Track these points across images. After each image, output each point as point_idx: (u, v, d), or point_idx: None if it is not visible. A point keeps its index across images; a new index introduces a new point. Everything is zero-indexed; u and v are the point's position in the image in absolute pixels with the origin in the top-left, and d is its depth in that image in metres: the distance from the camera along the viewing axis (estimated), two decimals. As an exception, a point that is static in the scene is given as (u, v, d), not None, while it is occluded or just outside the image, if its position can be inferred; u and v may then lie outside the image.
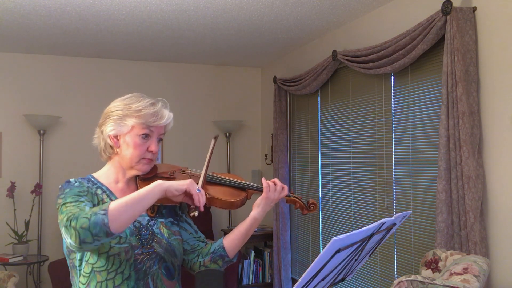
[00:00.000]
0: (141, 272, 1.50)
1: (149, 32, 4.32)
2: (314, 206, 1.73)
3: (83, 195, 1.47)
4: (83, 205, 1.41)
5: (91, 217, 1.29)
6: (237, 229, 1.67)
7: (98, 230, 1.28)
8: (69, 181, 1.53)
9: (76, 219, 1.30)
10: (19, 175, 4.96)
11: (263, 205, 1.64)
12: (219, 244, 1.67)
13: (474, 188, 2.64)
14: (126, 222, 1.34)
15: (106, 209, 1.31)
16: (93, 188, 1.54)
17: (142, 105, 1.54)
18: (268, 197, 1.64)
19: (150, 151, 1.56)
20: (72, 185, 1.50)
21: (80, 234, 1.28)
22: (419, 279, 2.04)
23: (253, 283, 5.21)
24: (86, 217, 1.29)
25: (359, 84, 3.93)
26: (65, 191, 1.47)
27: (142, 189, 1.39)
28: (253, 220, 1.64)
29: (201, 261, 1.67)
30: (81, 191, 1.49)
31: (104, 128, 1.57)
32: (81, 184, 1.52)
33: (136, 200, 1.36)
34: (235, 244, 1.66)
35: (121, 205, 1.33)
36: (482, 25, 2.76)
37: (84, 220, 1.29)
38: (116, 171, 1.60)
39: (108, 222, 1.29)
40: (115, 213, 1.31)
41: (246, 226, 1.65)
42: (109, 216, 1.29)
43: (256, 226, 1.66)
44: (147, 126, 1.54)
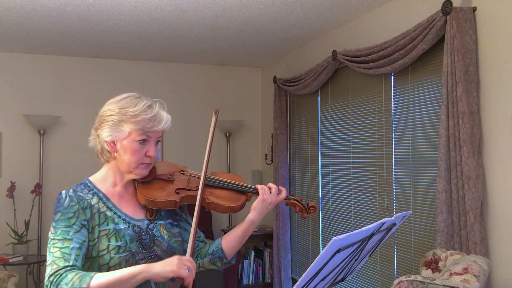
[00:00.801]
0: None
1: (149, 32, 4.32)
2: (314, 209, 1.72)
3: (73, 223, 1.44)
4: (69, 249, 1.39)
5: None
6: (234, 231, 1.66)
7: None
8: (60, 195, 1.50)
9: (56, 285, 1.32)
10: (19, 175, 4.96)
11: (259, 208, 1.63)
12: (217, 245, 1.66)
13: (474, 188, 2.64)
14: None
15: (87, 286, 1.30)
16: (88, 196, 1.51)
17: (138, 110, 1.50)
18: (265, 199, 1.63)
19: (148, 156, 1.54)
20: (62, 205, 1.47)
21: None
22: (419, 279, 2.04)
23: (253, 283, 5.21)
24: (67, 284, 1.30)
25: (359, 84, 3.93)
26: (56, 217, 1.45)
27: (125, 271, 1.36)
28: (250, 223, 1.63)
29: (200, 263, 1.66)
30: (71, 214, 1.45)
31: (100, 132, 1.54)
32: (71, 201, 1.48)
33: (118, 282, 1.34)
34: (232, 246, 1.66)
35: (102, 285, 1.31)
36: (482, 25, 2.76)
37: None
38: (114, 174, 1.57)
39: None
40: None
41: (243, 228, 1.64)
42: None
43: (253, 228, 1.65)
44: (144, 132, 1.51)
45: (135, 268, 1.36)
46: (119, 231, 1.49)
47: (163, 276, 1.37)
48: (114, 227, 1.50)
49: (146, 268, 1.36)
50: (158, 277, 1.36)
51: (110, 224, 1.50)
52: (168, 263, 1.38)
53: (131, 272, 1.35)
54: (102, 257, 1.45)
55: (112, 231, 1.49)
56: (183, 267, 1.38)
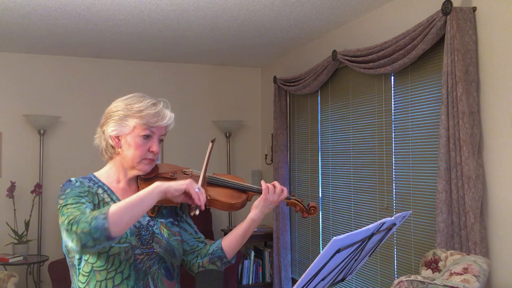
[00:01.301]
0: (141, 272, 1.51)
1: (149, 32, 4.32)
2: (315, 209, 1.72)
3: (84, 196, 1.47)
4: (83, 207, 1.41)
5: (92, 221, 1.29)
6: (235, 231, 1.67)
7: (99, 235, 1.29)
8: (70, 180, 1.53)
9: (77, 223, 1.31)
10: (19, 175, 4.96)
11: (261, 207, 1.63)
12: (218, 245, 1.67)
13: (474, 188, 2.64)
14: (126, 226, 1.35)
15: (106, 213, 1.31)
16: (94, 188, 1.54)
17: (143, 106, 1.54)
18: (267, 199, 1.63)
19: (151, 151, 1.57)
20: (73, 184, 1.50)
21: (82, 239, 1.29)
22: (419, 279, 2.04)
23: (253, 283, 5.21)
24: (87, 222, 1.30)
25: (359, 84, 3.93)
26: (66, 192, 1.47)
27: (141, 192, 1.39)
28: (251, 222, 1.63)
29: (200, 262, 1.67)
30: (82, 191, 1.49)
31: (105, 128, 1.57)
32: (82, 184, 1.52)
33: (136, 203, 1.36)
34: (233, 246, 1.66)
35: (121, 209, 1.33)
36: (482, 25, 2.76)
37: (84, 225, 1.29)
38: (118, 170, 1.60)
39: (109, 226, 1.29)
40: (115, 217, 1.31)
41: (243, 227, 1.65)
42: (109, 220, 1.30)
43: (254, 227, 1.65)
44: (148, 127, 1.54)
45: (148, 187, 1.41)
46: None
47: (175, 189, 1.42)
48: None
49: (159, 183, 1.41)
50: (171, 189, 1.42)
51: None
52: (180, 181, 1.45)
53: (147, 190, 1.40)
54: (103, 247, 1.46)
55: None
56: (194, 186, 1.46)
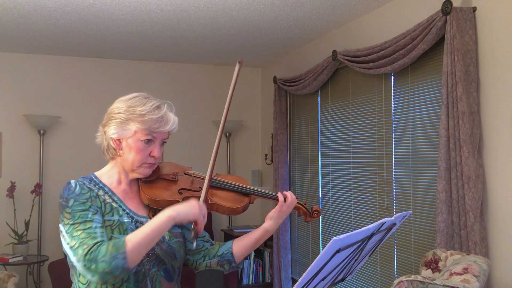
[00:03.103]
0: (140, 274, 1.50)
1: (149, 32, 4.32)
2: (318, 213, 1.71)
3: (89, 207, 1.45)
4: (93, 228, 1.40)
5: (111, 261, 1.31)
6: (247, 237, 1.67)
7: (119, 273, 1.33)
8: (69, 184, 1.50)
9: (96, 262, 1.32)
10: (19, 175, 4.96)
11: (276, 218, 1.64)
12: (228, 248, 1.66)
13: (474, 188, 2.64)
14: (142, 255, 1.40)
15: (125, 252, 1.33)
16: (94, 190, 1.52)
17: (146, 110, 1.51)
18: (282, 210, 1.64)
19: (152, 156, 1.54)
20: (74, 192, 1.47)
21: (103, 278, 1.33)
22: (419, 279, 2.04)
23: (253, 283, 5.21)
24: (106, 262, 1.31)
25: (359, 84, 3.93)
26: (69, 204, 1.44)
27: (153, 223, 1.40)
28: (264, 232, 1.64)
29: (208, 263, 1.66)
30: (85, 200, 1.46)
31: (107, 129, 1.55)
32: (82, 189, 1.49)
33: (151, 236, 1.39)
34: (243, 251, 1.66)
35: (139, 244, 1.36)
36: (482, 25, 2.76)
37: (104, 265, 1.31)
38: (119, 171, 1.58)
39: (128, 264, 1.33)
40: (134, 254, 1.35)
41: (257, 236, 1.65)
42: (128, 259, 1.33)
43: (267, 237, 1.66)
44: (150, 132, 1.52)
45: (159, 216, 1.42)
46: (123, 224, 1.50)
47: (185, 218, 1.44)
48: (119, 219, 1.50)
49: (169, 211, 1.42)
50: (180, 218, 1.43)
51: (115, 215, 1.50)
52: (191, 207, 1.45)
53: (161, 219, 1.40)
54: None
55: (116, 222, 1.49)
56: (202, 214, 1.47)
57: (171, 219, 1.41)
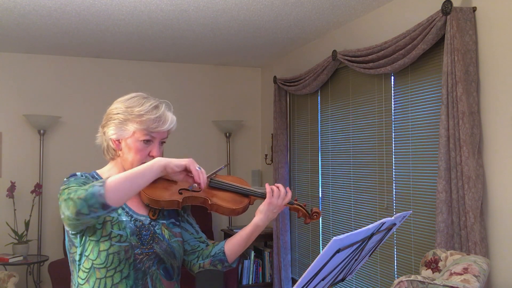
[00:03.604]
0: (140, 272, 1.50)
1: (149, 32, 4.32)
2: (317, 215, 1.70)
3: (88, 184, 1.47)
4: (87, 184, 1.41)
5: (89, 188, 1.31)
6: (238, 235, 1.65)
7: (94, 201, 1.29)
8: (75, 174, 1.54)
9: (75, 191, 1.32)
10: (19, 175, 4.96)
11: (266, 211, 1.60)
12: (220, 248, 1.65)
13: (474, 188, 2.64)
14: (123, 196, 1.35)
15: (104, 180, 1.33)
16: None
17: (144, 110, 1.52)
18: (271, 202, 1.60)
19: (151, 156, 1.56)
20: (78, 177, 1.51)
21: (77, 204, 1.29)
22: (419, 279, 2.04)
23: (253, 283, 5.21)
24: (84, 189, 1.31)
25: (359, 84, 3.93)
26: (70, 180, 1.48)
27: (142, 165, 1.41)
28: (255, 227, 1.61)
29: (201, 263, 1.65)
30: (86, 183, 1.49)
31: (106, 130, 1.57)
32: (87, 178, 1.53)
33: (135, 174, 1.38)
34: (235, 250, 1.64)
35: (120, 178, 1.35)
36: (482, 25, 2.76)
37: (81, 191, 1.31)
38: (119, 171, 1.59)
39: (105, 193, 1.30)
40: (112, 185, 1.32)
41: (247, 232, 1.62)
42: (106, 187, 1.31)
43: (259, 232, 1.62)
44: (148, 132, 1.53)
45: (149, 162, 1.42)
46: (121, 222, 1.51)
47: (175, 164, 1.44)
48: (117, 217, 1.51)
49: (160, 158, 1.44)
50: (171, 164, 1.43)
51: (114, 213, 1.51)
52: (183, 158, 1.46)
53: (147, 164, 1.41)
54: (103, 243, 1.46)
55: (115, 219, 1.50)
56: (195, 164, 1.47)
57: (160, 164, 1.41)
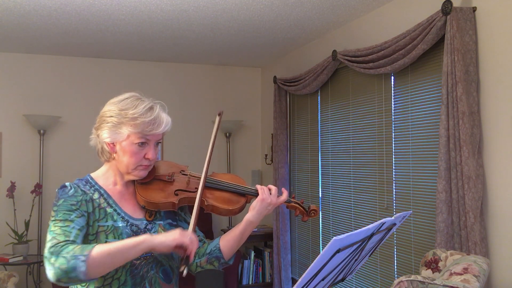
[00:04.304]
0: (138, 277, 1.49)
1: (149, 32, 4.32)
2: (315, 212, 1.69)
3: (75, 209, 1.45)
4: (70, 228, 1.39)
5: (71, 260, 1.28)
6: (232, 231, 1.63)
7: (74, 275, 1.28)
8: (65, 186, 1.51)
9: (57, 256, 1.30)
10: (19, 175, 4.96)
11: (259, 208, 1.59)
12: (215, 245, 1.64)
13: (474, 188, 2.64)
14: (103, 271, 1.34)
15: (87, 255, 1.29)
16: (89, 192, 1.52)
17: (138, 112, 1.49)
18: (264, 199, 1.60)
19: (147, 158, 1.54)
20: (67, 193, 1.48)
21: (57, 274, 1.28)
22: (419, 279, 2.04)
23: (253, 283, 5.21)
24: (66, 259, 1.28)
25: (359, 84, 3.93)
26: (59, 203, 1.45)
27: (129, 241, 1.35)
28: (248, 223, 1.60)
29: (198, 262, 1.64)
30: (74, 202, 1.46)
31: (100, 132, 1.54)
32: (76, 192, 1.49)
33: (120, 251, 1.34)
34: (230, 246, 1.62)
35: (103, 254, 1.31)
36: (482, 25, 2.76)
37: (63, 261, 1.28)
38: (114, 173, 1.58)
39: (86, 270, 1.28)
40: (96, 262, 1.29)
41: (240, 228, 1.61)
42: (88, 263, 1.28)
43: (252, 229, 1.61)
44: (143, 135, 1.51)
45: (138, 238, 1.37)
46: (117, 228, 1.49)
47: (166, 245, 1.38)
48: (113, 224, 1.50)
49: (149, 237, 1.37)
50: (161, 246, 1.38)
51: (109, 221, 1.50)
52: (170, 233, 1.40)
53: (134, 241, 1.36)
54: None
55: (110, 227, 1.49)
56: (186, 236, 1.40)
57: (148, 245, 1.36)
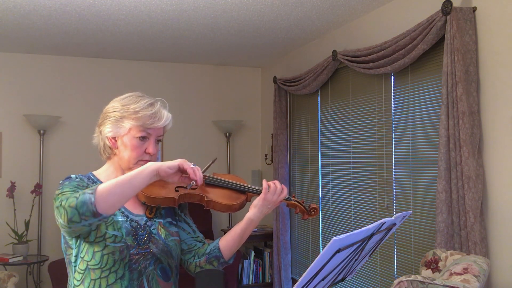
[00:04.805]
0: (136, 272, 1.50)
1: (149, 32, 4.32)
2: (315, 211, 1.69)
3: (81, 189, 1.47)
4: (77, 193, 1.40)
5: (80, 196, 1.30)
6: (232, 230, 1.64)
7: (85, 209, 1.28)
8: (70, 176, 1.54)
9: (67, 199, 1.31)
10: (19, 175, 4.96)
11: (260, 206, 1.60)
12: (215, 245, 1.64)
13: (474, 188, 2.64)
14: (114, 203, 1.33)
15: (95, 188, 1.31)
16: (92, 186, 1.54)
17: (139, 107, 1.53)
18: (266, 198, 1.60)
19: (147, 153, 1.56)
20: (73, 180, 1.51)
21: (68, 213, 1.29)
22: (419, 279, 2.04)
23: (253, 283, 5.21)
24: (75, 197, 1.30)
25: (359, 84, 3.93)
26: (64, 184, 1.48)
27: (133, 171, 1.39)
28: (249, 222, 1.60)
29: (197, 262, 1.64)
30: (80, 185, 1.49)
31: (102, 128, 1.57)
32: (82, 180, 1.53)
33: (127, 180, 1.35)
34: (230, 246, 1.63)
35: (111, 185, 1.32)
36: (482, 25, 2.76)
37: (72, 199, 1.30)
38: (116, 170, 1.60)
39: (95, 201, 1.28)
40: (103, 192, 1.30)
41: (241, 227, 1.61)
42: (96, 194, 1.29)
43: (253, 227, 1.61)
44: (144, 129, 1.53)
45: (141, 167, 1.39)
46: (117, 222, 1.51)
47: (168, 166, 1.40)
48: (112, 218, 1.51)
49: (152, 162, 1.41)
50: (164, 168, 1.40)
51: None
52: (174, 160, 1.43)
53: (138, 168, 1.38)
54: (98, 244, 1.46)
55: (110, 220, 1.50)
56: (188, 163, 1.43)
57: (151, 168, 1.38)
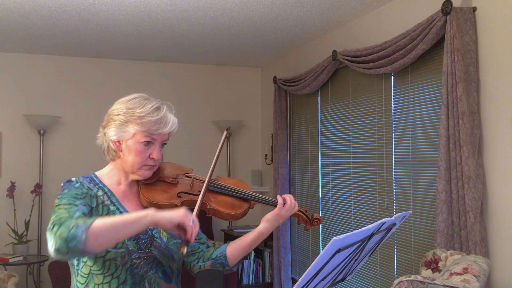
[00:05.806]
0: (138, 277, 1.49)
1: (149, 32, 4.32)
2: (318, 221, 1.69)
3: (80, 198, 1.44)
4: (74, 209, 1.37)
5: (72, 229, 1.23)
6: (241, 240, 1.64)
7: (74, 244, 1.22)
8: (71, 180, 1.52)
9: (59, 225, 1.25)
10: (19, 175, 4.96)
11: (273, 221, 1.61)
12: (222, 251, 1.64)
13: (474, 188, 2.64)
14: (104, 245, 1.29)
15: (89, 224, 1.24)
16: (94, 189, 1.52)
17: (145, 111, 1.50)
18: (280, 213, 1.61)
19: (152, 158, 1.54)
20: (73, 185, 1.48)
21: (57, 243, 1.23)
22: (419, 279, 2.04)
23: (253, 283, 5.21)
24: (67, 227, 1.24)
25: (359, 84, 3.93)
26: (63, 192, 1.45)
27: (131, 215, 1.32)
28: (259, 234, 1.61)
29: (201, 265, 1.64)
30: (80, 193, 1.46)
31: (106, 130, 1.55)
32: (82, 185, 1.50)
33: (122, 224, 1.29)
34: (237, 254, 1.64)
35: (105, 226, 1.26)
36: (482, 25, 2.76)
37: (64, 229, 1.23)
38: (119, 173, 1.58)
39: (85, 239, 1.22)
40: (96, 232, 1.24)
41: (251, 238, 1.62)
42: (88, 233, 1.23)
43: (262, 240, 1.62)
44: (149, 134, 1.51)
45: (141, 212, 1.33)
46: None
47: (168, 220, 1.33)
48: None
49: (153, 212, 1.32)
50: (164, 221, 1.33)
51: None
52: (175, 211, 1.36)
53: (138, 215, 1.31)
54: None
55: None
56: (189, 218, 1.37)
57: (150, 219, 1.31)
